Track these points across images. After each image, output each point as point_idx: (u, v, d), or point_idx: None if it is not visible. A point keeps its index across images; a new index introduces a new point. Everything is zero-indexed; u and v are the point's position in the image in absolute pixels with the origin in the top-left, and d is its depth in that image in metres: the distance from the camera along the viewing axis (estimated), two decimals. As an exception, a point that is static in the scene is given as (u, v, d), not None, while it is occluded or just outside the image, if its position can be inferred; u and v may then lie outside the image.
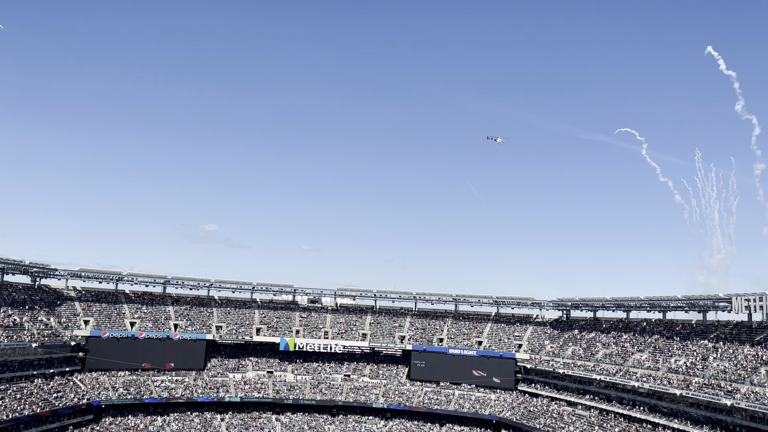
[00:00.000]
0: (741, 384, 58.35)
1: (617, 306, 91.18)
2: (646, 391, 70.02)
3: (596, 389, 79.94)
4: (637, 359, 76.58)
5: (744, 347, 65.24)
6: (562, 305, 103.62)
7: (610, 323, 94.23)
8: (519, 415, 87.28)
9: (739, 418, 57.26)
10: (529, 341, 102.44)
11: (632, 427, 69.47)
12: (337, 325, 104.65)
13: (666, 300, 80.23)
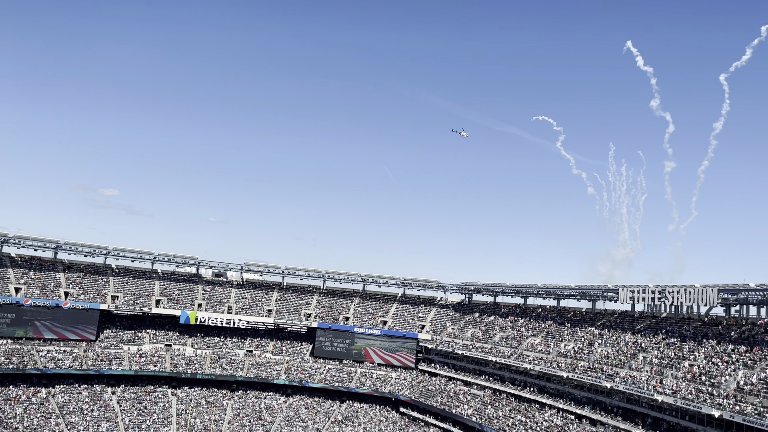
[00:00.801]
0: (621, 368, 62.96)
1: (516, 292, 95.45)
2: (536, 373, 74.04)
3: (492, 370, 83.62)
4: (530, 343, 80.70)
5: (626, 335, 70.37)
6: (466, 289, 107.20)
7: (508, 308, 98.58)
8: (418, 393, 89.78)
9: (617, 399, 61.87)
10: (432, 322, 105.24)
11: (522, 407, 73.34)
12: (242, 300, 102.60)
13: (561, 288, 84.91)
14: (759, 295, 58.54)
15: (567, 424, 65.02)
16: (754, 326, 58.95)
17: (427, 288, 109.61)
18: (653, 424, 56.31)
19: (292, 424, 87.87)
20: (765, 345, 53.79)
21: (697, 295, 62.77)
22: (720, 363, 54.57)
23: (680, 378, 55.53)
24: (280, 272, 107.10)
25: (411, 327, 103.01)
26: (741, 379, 50.53)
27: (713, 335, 60.53)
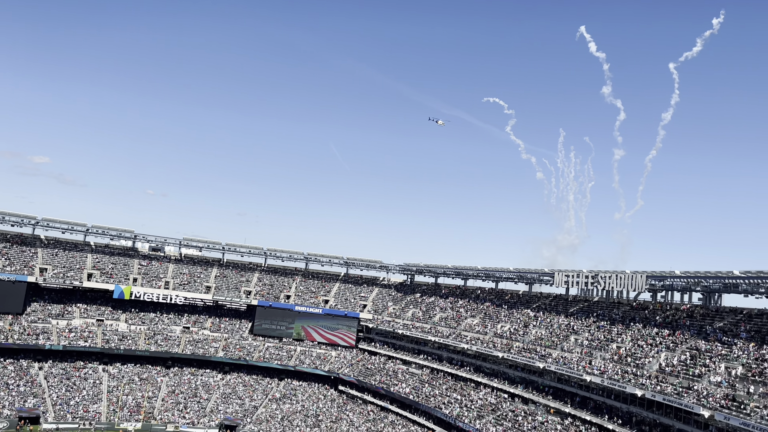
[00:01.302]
0: (553, 349, 65.24)
1: (457, 274, 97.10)
2: (473, 352, 75.81)
3: (430, 350, 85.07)
4: (469, 324, 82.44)
5: (559, 317, 72.87)
6: (408, 270, 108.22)
7: (449, 289, 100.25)
8: (357, 371, 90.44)
9: (548, 379, 64.16)
10: (373, 302, 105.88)
11: (458, 385, 75.05)
12: (180, 276, 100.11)
13: (500, 271, 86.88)
14: (683, 282, 61.59)
15: (500, 403, 67.03)
16: (677, 311, 62.11)
17: (370, 268, 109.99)
18: (581, 402, 58.75)
19: (228, 401, 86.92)
20: (686, 329, 56.80)
21: (627, 280, 65.47)
22: (645, 345, 57.30)
23: (608, 359, 58.02)
24: (220, 248, 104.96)
25: (353, 306, 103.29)
26: (663, 360, 53.24)
27: (640, 319, 63.42)
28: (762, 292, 53.26)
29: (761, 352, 46.86)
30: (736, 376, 46.05)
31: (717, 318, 57.17)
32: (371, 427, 76.82)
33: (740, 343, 49.77)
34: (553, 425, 58.34)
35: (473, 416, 65.94)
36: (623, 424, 52.07)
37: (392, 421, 77.22)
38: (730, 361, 48.14)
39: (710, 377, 47.22)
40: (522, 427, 60.13)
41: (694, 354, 51.77)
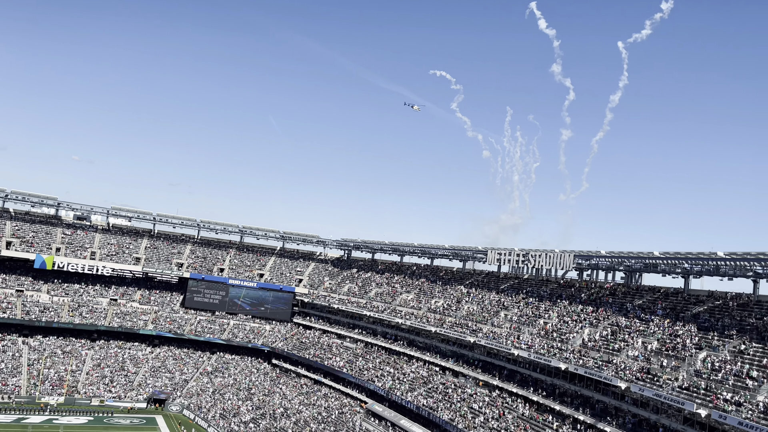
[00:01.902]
0: (484, 324, 67.22)
1: (394, 250, 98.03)
2: (407, 327, 77.12)
3: (365, 324, 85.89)
4: (404, 299, 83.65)
5: (491, 294, 75.03)
6: (345, 245, 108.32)
7: (385, 265, 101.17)
8: (291, 345, 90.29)
9: (478, 353, 66.17)
10: (309, 277, 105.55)
11: (391, 359, 76.30)
12: (108, 246, 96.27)
13: (435, 248, 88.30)
14: (607, 261, 64.60)
15: (432, 376, 68.68)
16: (601, 289, 65.19)
17: (306, 242, 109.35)
18: (509, 375, 61.01)
19: (158, 375, 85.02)
20: (608, 306, 59.76)
21: (556, 259, 68.04)
22: (570, 321, 59.93)
23: (535, 334, 60.36)
24: (151, 219, 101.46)
25: (288, 281, 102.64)
26: (586, 336, 55.89)
27: (566, 296, 66.19)
28: (678, 272, 56.64)
29: (674, 328, 49.95)
30: (651, 350, 48.94)
31: (637, 296, 60.43)
32: (304, 400, 77.15)
33: (656, 320, 52.85)
34: (482, 397, 60.38)
35: (405, 389, 67.32)
36: (547, 396, 54.51)
37: (325, 394, 77.80)
38: (646, 336, 51.07)
39: (628, 351, 49.98)
40: (452, 399, 61.91)
41: (614, 330, 54.60)
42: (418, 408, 62.96)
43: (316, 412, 73.07)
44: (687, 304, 54.50)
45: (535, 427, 52.21)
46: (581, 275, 69.97)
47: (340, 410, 72.35)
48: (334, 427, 67.94)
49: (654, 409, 44.34)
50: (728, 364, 42.03)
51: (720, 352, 43.97)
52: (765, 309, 47.69)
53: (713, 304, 52.43)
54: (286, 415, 73.39)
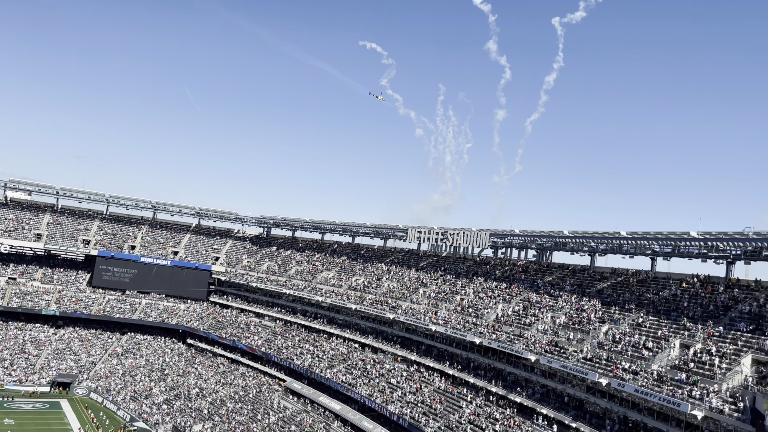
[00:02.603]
0: (403, 301, 68.39)
1: (315, 228, 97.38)
2: (328, 305, 77.15)
3: (285, 302, 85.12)
4: (324, 277, 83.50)
5: (410, 271, 76.32)
6: (265, 222, 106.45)
7: (306, 243, 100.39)
8: (207, 325, 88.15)
9: (397, 329, 67.32)
10: (227, 254, 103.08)
11: (311, 337, 76.22)
12: (5, 222, 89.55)
13: (357, 226, 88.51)
14: (521, 240, 67.27)
15: (351, 352, 69.27)
16: (514, 266, 67.86)
17: (224, 219, 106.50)
18: (426, 350, 62.55)
19: (62, 357, 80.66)
20: (521, 282, 62.36)
21: (473, 237, 70.04)
22: (485, 297, 62.08)
23: (452, 310, 62.10)
24: (54, 193, 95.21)
25: (204, 258, 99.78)
26: (500, 311, 58.13)
27: (482, 273, 68.41)
28: (585, 250, 59.88)
29: (581, 303, 52.86)
30: (559, 324, 51.61)
31: (547, 273, 63.38)
32: (221, 380, 75.76)
33: (564, 296, 55.71)
34: (399, 372, 61.62)
35: (324, 366, 67.55)
36: (462, 370, 56.39)
37: (243, 373, 76.75)
38: (555, 311, 53.77)
39: (538, 326, 52.46)
40: (370, 374, 62.78)
41: (526, 305, 57.08)
42: (337, 384, 63.42)
43: (233, 391, 71.99)
44: (592, 280, 57.76)
45: (450, 400, 53.96)
46: (496, 253, 72.45)
47: (258, 389, 71.66)
48: (251, 406, 67.26)
49: (560, 380, 46.91)
50: (627, 336, 45.01)
51: (620, 325, 47.00)
52: (661, 285, 51.35)
53: (616, 280, 55.87)
54: (201, 395, 71.85)
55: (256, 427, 62.43)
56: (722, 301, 44.04)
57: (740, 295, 43.96)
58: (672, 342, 41.78)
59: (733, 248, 45.11)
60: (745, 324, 39.80)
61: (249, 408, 66.93)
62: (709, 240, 45.47)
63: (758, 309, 40.85)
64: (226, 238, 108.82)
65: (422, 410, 53.20)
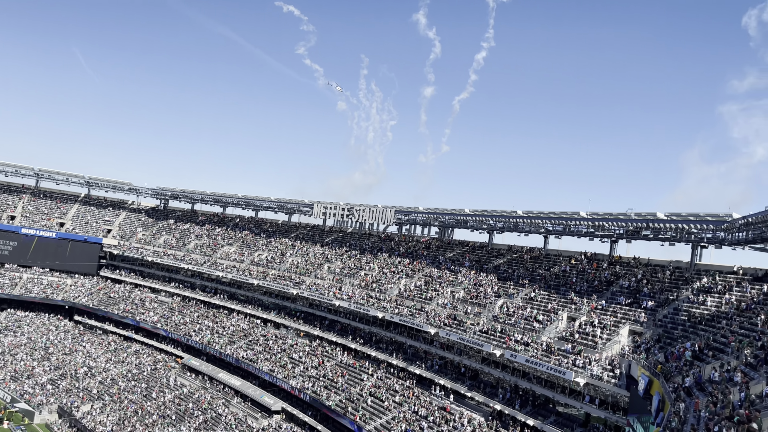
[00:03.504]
0: (307, 277, 68.07)
1: (216, 201, 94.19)
2: (229, 280, 75.21)
3: (183, 278, 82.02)
4: (225, 252, 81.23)
5: (315, 247, 75.98)
6: (162, 194, 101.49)
7: (206, 216, 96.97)
8: (97, 300, 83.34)
9: (301, 305, 67.02)
10: (120, 227, 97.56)
11: (210, 313, 74.16)
12: None
13: (260, 200, 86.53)
14: (424, 217, 68.82)
15: (253, 328, 68.21)
16: (417, 243, 69.42)
17: (117, 190, 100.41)
18: (329, 325, 62.84)
19: (-72, 338, 73.36)
20: (423, 258, 63.98)
21: (378, 214, 70.75)
22: (389, 273, 63.14)
23: (356, 285, 62.66)
24: None
25: (95, 231, 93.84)
26: (402, 286, 59.41)
27: (386, 249, 69.44)
28: (484, 228, 62.31)
29: (479, 279, 55.13)
30: (458, 298, 53.60)
31: (448, 249, 65.41)
32: (112, 358, 72.13)
33: (464, 271, 57.84)
34: (302, 347, 61.56)
35: (224, 342, 66.10)
36: (364, 344, 57.26)
37: (137, 351, 73.49)
38: (455, 286, 55.73)
39: (438, 300, 54.19)
40: (272, 350, 62.24)
41: (428, 280, 58.70)
42: (238, 360, 62.36)
43: (125, 369, 68.83)
44: (490, 256, 60.34)
45: (352, 373, 54.71)
46: (401, 230, 73.71)
47: (153, 366, 68.98)
48: (146, 384, 64.68)
49: (458, 352, 48.89)
50: (520, 309, 47.58)
51: (515, 299, 49.56)
52: (552, 261, 54.58)
53: (511, 257, 58.70)
54: (90, 375, 68.15)
55: (150, 405, 60.22)
56: (605, 277, 47.55)
57: (621, 271, 47.66)
58: (560, 315, 44.64)
59: (617, 228, 48.68)
60: (624, 298, 43.26)
61: (143, 386, 64.33)
62: (596, 220, 48.77)
63: (636, 284, 44.51)
64: (120, 209, 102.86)
65: (324, 384, 53.59)
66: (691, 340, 32.72)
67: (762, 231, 32.44)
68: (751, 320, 31.29)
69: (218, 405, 58.61)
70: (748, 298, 35.33)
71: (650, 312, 40.08)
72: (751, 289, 36.49)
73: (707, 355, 29.91)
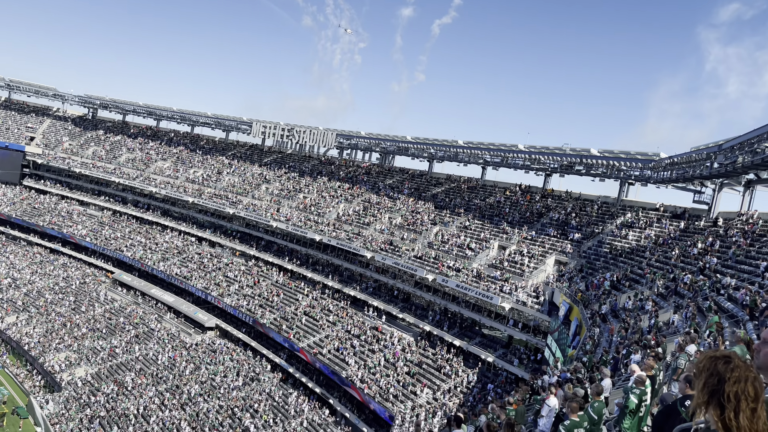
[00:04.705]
0: (244, 197, 67.05)
1: (149, 113, 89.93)
2: (162, 196, 73.09)
3: (113, 191, 79.04)
4: (159, 167, 78.46)
5: (254, 166, 74.48)
6: (90, 103, 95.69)
7: (139, 129, 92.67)
8: (21, 211, 79.50)
9: (237, 224, 66.31)
10: (44, 135, 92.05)
11: (143, 229, 72.35)
12: None
13: (196, 115, 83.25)
14: (366, 143, 68.35)
15: (187, 246, 67.27)
16: (358, 168, 69.24)
17: (40, 95, 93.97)
18: (266, 246, 62.76)
19: None
20: (363, 184, 64.09)
21: (320, 136, 69.68)
22: (328, 197, 63.05)
23: (294, 208, 62.38)
24: None
25: (17, 138, 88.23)
26: (341, 210, 59.62)
27: (326, 173, 68.97)
28: (425, 156, 62.68)
29: (416, 206, 55.99)
30: (395, 225, 54.43)
31: (389, 176, 65.68)
32: (37, 270, 69.83)
33: (402, 198, 58.50)
34: (237, 266, 61.47)
35: (157, 258, 65.05)
36: (300, 265, 57.74)
37: (64, 264, 71.33)
38: (393, 212, 56.44)
39: (376, 225, 54.87)
40: (207, 268, 61.87)
41: (366, 206, 59.10)
42: (171, 277, 61.75)
43: (52, 282, 66.96)
44: (429, 185, 61.12)
45: (287, 293, 55.38)
46: (341, 154, 73.13)
47: (81, 280, 67.38)
48: (74, 298, 63.35)
49: (392, 275, 50.18)
50: (455, 237, 48.93)
51: (450, 227, 50.81)
52: (488, 192, 55.91)
53: (449, 186, 59.67)
54: (14, 286, 65.96)
55: (79, 318, 59.28)
56: (537, 209, 49.30)
57: (553, 204, 49.47)
58: (492, 243, 46.27)
59: (552, 162, 50.08)
60: (554, 229, 45.17)
61: (71, 300, 62.99)
62: (533, 153, 49.92)
63: (565, 216, 46.43)
64: (44, 116, 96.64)
65: (259, 303, 54.11)
66: (611, 271, 34.81)
67: (685, 171, 34.17)
68: (666, 254, 33.46)
69: (150, 320, 58.36)
70: (665, 234, 37.64)
71: (576, 243, 42.13)
72: (669, 225, 38.82)
73: (624, 285, 31.97)
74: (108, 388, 47.95)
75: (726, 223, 33.79)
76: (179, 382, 47.94)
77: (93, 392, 47.85)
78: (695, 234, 34.82)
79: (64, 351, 53.92)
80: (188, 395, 46.05)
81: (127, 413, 44.59)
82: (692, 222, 37.67)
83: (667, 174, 37.96)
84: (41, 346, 55.08)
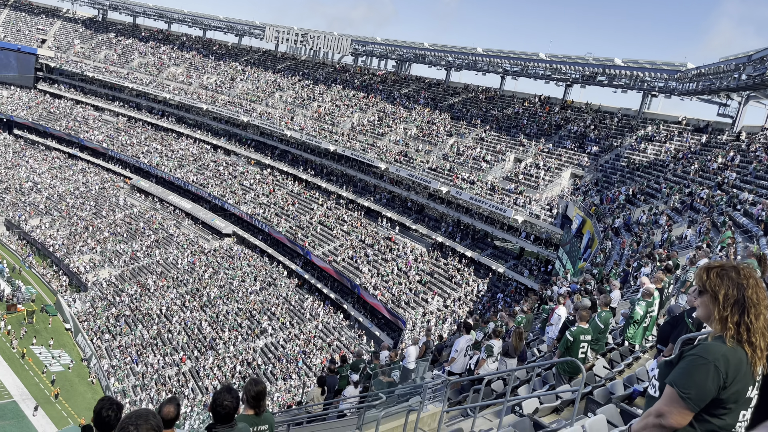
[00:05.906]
0: (258, 105, 66.27)
1: (159, 15, 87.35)
2: (176, 103, 72.48)
3: (127, 97, 78.45)
4: (172, 72, 77.25)
5: (267, 73, 73.03)
6: (99, 4, 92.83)
7: (150, 32, 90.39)
8: (37, 115, 79.62)
9: (251, 133, 66.01)
10: (56, 37, 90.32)
11: (158, 135, 72.40)
12: None
13: (208, 18, 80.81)
14: (382, 49, 66.32)
15: (202, 153, 67.49)
16: (373, 76, 67.60)
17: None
18: (280, 155, 62.75)
19: None
20: (378, 93, 62.83)
21: (334, 42, 67.61)
22: (342, 106, 62.10)
23: (308, 116, 61.70)
24: None
25: (28, 40, 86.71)
26: (355, 120, 58.91)
27: (341, 81, 67.54)
28: (443, 64, 60.87)
29: (432, 117, 55.09)
30: (410, 136, 53.85)
31: (404, 85, 64.21)
32: (57, 174, 70.92)
33: (418, 108, 57.47)
34: (253, 174, 61.86)
35: (174, 165, 65.55)
36: (315, 175, 57.94)
37: (83, 169, 72.23)
38: (408, 123, 55.66)
39: (391, 136, 54.34)
40: (222, 176, 62.37)
41: (381, 116, 58.26)
42: (188, 184, 62.47)
43: (72, 187, 68.14)
44: (445, 95, 59.78)
45: (302, 203, 56.00)
46: (356, 61, 71.26)
47: (101, 185, 68.47)
48: (94, 202, 64.67)
49: (406, 187, 50.28)
50: (470, 149, 48.45)
51: (465, 138, 50.19)
52: (506, 102, 54.67)
53: (467, 96, 58.32)
54: (36, 190, 67.31)
55: (101, 223, 60.80)
56: (555, 121, 48.32)
57: (572, 116, 48.39)
58: (508, 156, 45.84)
59: (573, 72, 48.49)
60: (571, 142, 44.48)
61: (92, 204, 64.33)
62: (554, 62, 48.26)
63: (584, 129, 45.55)
64: (54, 17, 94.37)
65: (275, 211, 54.89)
66: (627, 185, 34.54)
67: (712, 82, 33.00)
68: (685, 169, 33.01)
69: (169, 225, 59.71)
70: (686, 148, 36.94)
71: (593, 157, 41.59)
72: (690, 139, 38.01)
73: (639, 199, 31.83)
74: (131, 289, 49.94)
75: (749, 137, 32.99)
76: (199, 286, 49.73)
77: (117, 293, 49.92)
78: (716, 148, 34.13)
79: (87, 253, 55.74)
80: (208, 298, 47.90)
81: (151, 313, 46.69)
82: (714, 136, 36.80)
83: (692, 86, 36.71)
84: (65, 248, 56.92)
